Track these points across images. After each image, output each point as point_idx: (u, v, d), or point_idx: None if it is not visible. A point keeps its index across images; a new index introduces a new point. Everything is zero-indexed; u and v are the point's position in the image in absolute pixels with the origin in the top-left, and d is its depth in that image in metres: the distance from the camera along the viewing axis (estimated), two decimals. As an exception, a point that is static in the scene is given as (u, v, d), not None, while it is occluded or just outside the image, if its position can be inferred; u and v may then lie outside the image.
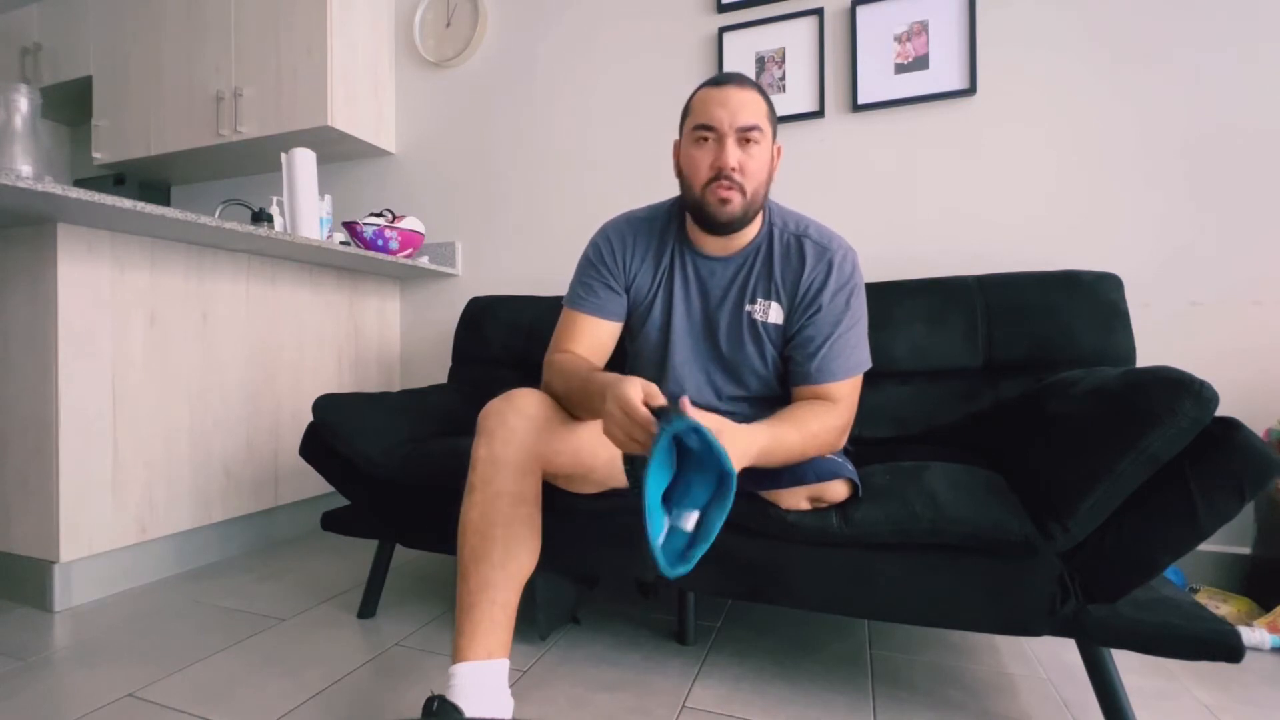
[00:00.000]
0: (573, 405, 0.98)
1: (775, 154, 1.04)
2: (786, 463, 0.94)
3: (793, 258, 1.06)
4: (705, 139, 0.99)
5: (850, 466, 0.99)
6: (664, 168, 1.99)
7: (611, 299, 1.11)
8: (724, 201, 0.99)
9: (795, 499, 0.96)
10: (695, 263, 1.09)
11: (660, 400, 0.79)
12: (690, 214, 1.07)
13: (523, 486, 0.90)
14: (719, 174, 0.98)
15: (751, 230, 1.07)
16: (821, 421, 0.98)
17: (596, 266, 1.12)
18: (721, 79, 1.00)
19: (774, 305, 1.06)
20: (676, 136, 1.07)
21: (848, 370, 1.03)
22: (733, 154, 0.97)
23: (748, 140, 0.98)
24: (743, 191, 0.99)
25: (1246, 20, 1.51)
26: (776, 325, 1.06)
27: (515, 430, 0.91)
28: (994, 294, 1.40)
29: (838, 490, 0.95)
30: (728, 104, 0.97)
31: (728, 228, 1.03)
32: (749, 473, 0.99)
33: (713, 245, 1.08)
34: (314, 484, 1.97)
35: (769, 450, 0.89)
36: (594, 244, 1.14)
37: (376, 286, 2.25)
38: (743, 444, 0.84)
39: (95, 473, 1.44)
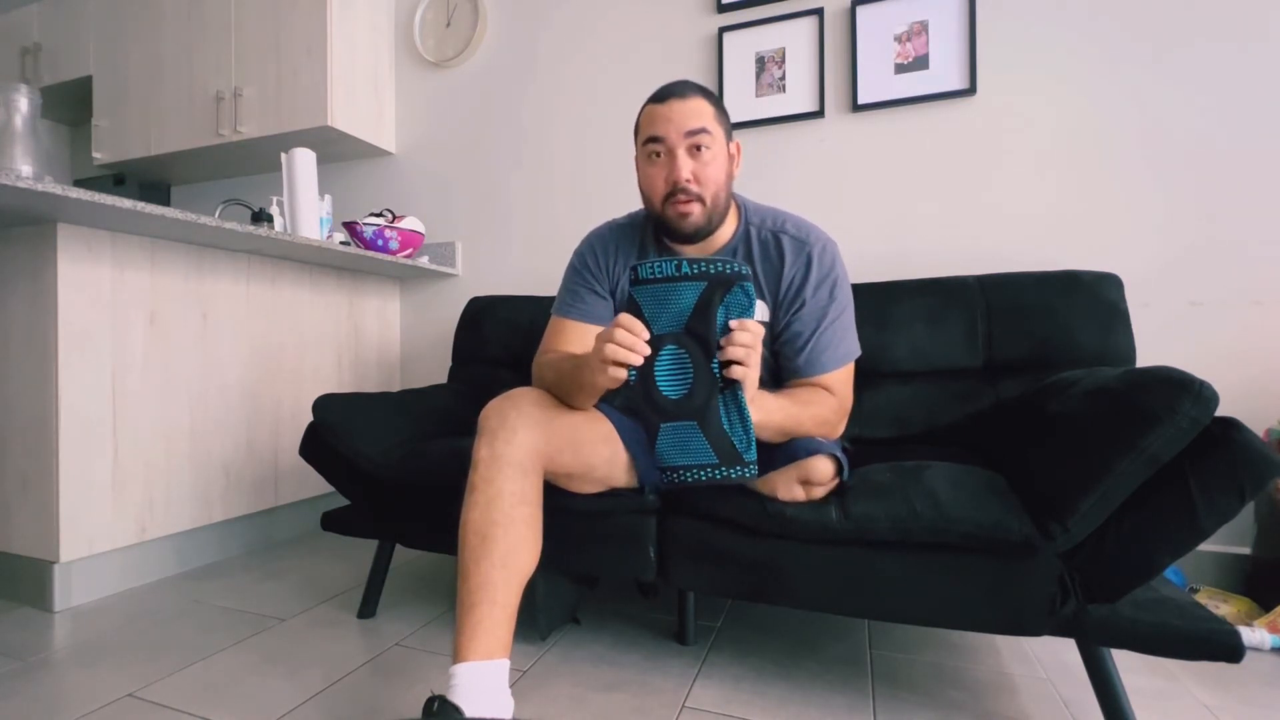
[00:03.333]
0: (565, 388, 1.00)
1: (734, 152, 1.06)
2: (783, 430, 0.97)
3: (772, 255, 1.07)
4: (657, 154, 1.01)
5: (831, 444, 0.99)
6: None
7: (597, 304, 1.12)
8: (684, 215, 1.01)
9: (789, 485, 0.96)
10: None
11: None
12: (657, 228, 1.09)
13: (524, 486, 0.90)
14: (675, 188, 1.00)
15: (726, 231, 1.09)
16: (812, 394, 1.01)
17: (581, 273, 1.14)
18: (663, 93, 1.02)
19: (758, 303, 1.06)
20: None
21: (837, 361, 1.05)
22: (685, 166, 0.99)
23: (698, 148, 0.99)
24: (701, 201, 1.01)
25: (1247, 20, 1.51)
26: (763, 322, 1.06)
27: (517, 429, 0.91)
28: (994, 294, 1.40)
29: (822, 467, 0.94)
30: (672, 116, 0.99)
31: (694, 238, 1.05)
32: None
33: (689, 249, 1.09)
34: (314, 484, 1.97)
35: (768, 409, 0.94)
36: (578, 253, 1.17)
37: (376, 286, 2.25)
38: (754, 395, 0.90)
39: (95, 473, 1.44)
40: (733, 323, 0.86)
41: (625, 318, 0.86)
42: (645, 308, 0.88)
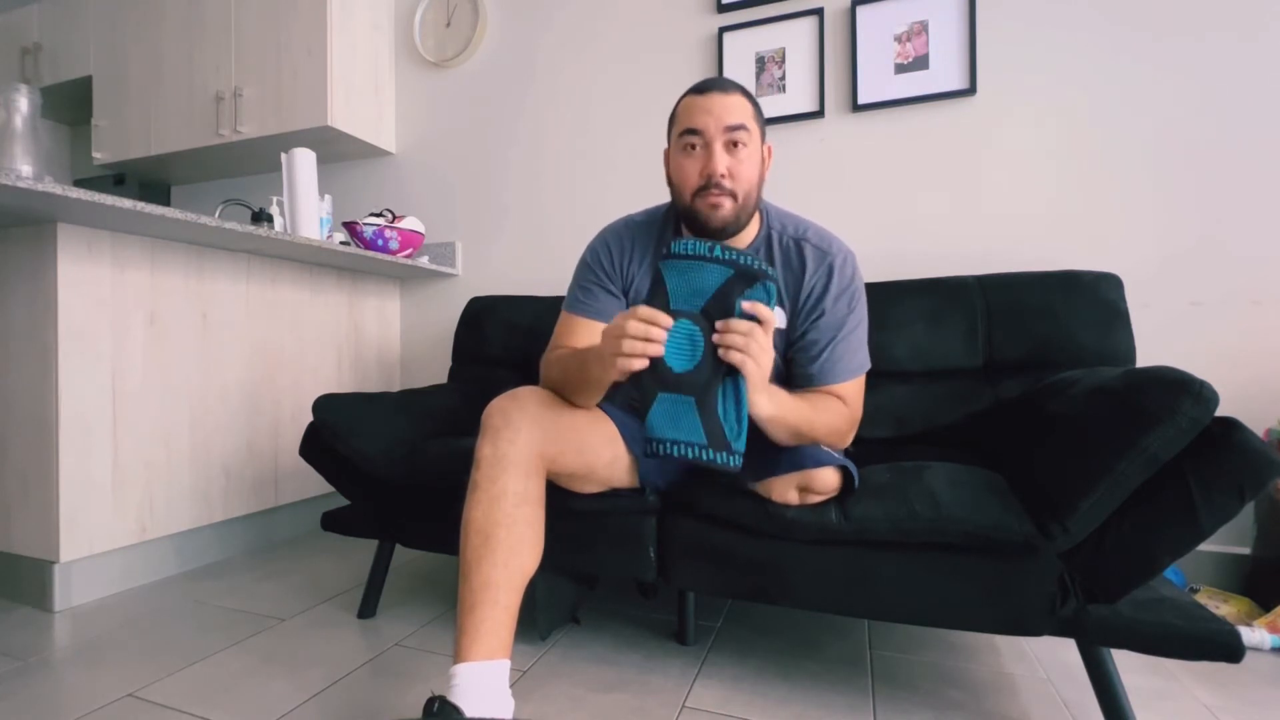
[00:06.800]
0: (572, 385, 0.99)
1: (766, 155, 1.05)
2: (796, 431, 0.95)
3: (793, 262, 1.06)
4: (693, 146, 1.00)
5: (841, 458, 0.99)
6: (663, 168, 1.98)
7: (610, 302, 1.11)
8: (715, 208, 1.00)
9: (785, 490, 0.96)
10: None
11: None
12: (684, 221, 1.08)
13: (527, 486, 0.90)
14: (709, 181, 0.99)
15: (749, 234, 1.08)
16: (828, 402, 1.00)
17: (594, 270, 1.13)
18: (705, 85, 1.01)
19: (776, 309, 1.05)
20: (665, 145, 1.08)
21: (850, 372, 1.04)
22: (721, 160, 0.98)
23: (735, 144, 0.98)
24: (734, 197, 1.00)
25: (1247, 18, 1.51)
26: (779, 330, 1.06)
27: (520, 429, 0.91)
28: (994, 294, 1.40)
29: (826, 478, 0.94)
30: (712, 109, 0.98)
31: (721, 234, 1.04)
32: (747, 461, 0.99)
33: None
34: (314, 484, 1.97)
35: (783, 406, 0.92)
36: (592, 249, 1.15)
37: (376, 286, 2.25)
38: (765, 387, 0.89)
39: (95, 473, 1.44)
40: (746, 306, 0.86)
41: (644, 310, 0.85)
42: (669, 280, 0.89)
